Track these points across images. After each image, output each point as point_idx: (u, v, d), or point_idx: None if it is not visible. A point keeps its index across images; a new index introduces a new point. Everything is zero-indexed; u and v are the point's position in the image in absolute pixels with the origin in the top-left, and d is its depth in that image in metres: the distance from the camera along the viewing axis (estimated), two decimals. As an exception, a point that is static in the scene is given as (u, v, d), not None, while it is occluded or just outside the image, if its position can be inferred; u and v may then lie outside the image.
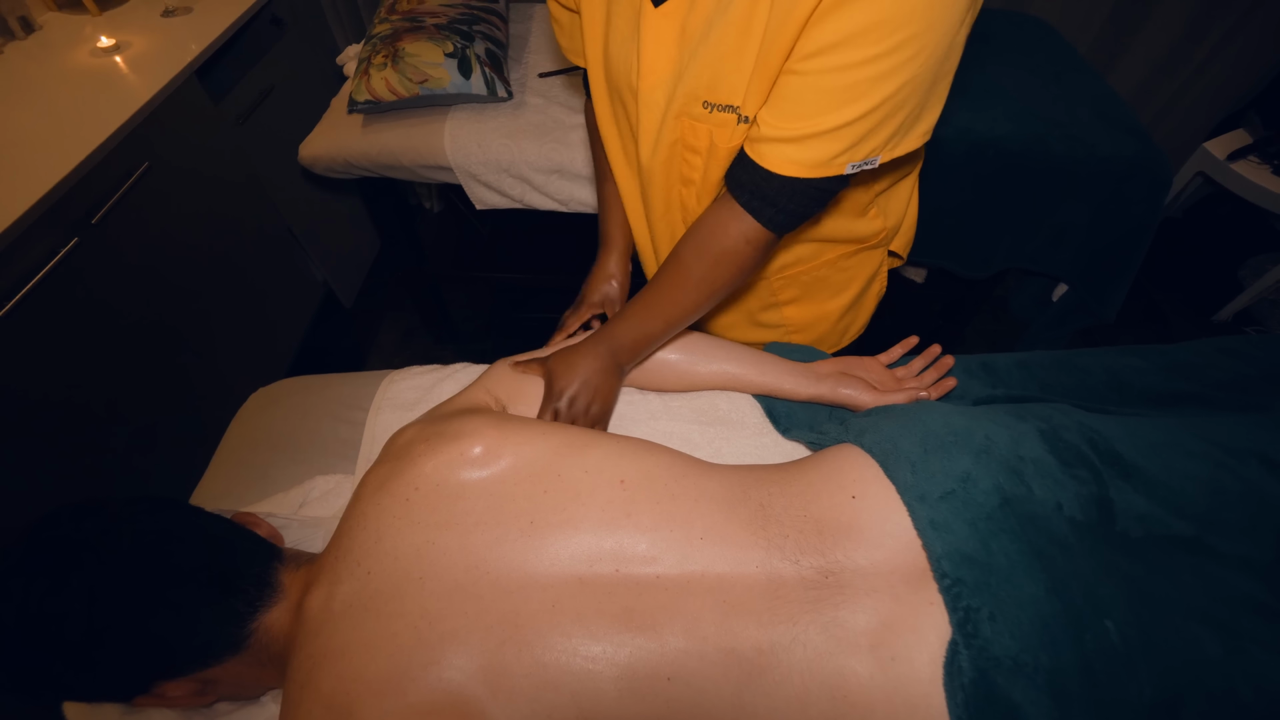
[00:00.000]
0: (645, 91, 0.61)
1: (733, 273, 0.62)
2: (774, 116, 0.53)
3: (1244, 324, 1.85)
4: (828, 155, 0.52)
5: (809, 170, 0.53)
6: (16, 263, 0.92)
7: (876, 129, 0.51)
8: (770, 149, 0.54)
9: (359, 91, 1.28)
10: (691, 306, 0.65)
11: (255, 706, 0.58)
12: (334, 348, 1.85)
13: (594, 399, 0.67)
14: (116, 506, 0.52)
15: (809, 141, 0.52)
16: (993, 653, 0.45)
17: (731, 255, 0.61)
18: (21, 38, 1.31)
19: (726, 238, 0.60)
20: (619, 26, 0.61)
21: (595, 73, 0.67)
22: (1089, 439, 0.57)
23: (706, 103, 0.58)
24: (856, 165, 0.53)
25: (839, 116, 0.50)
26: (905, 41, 0.45)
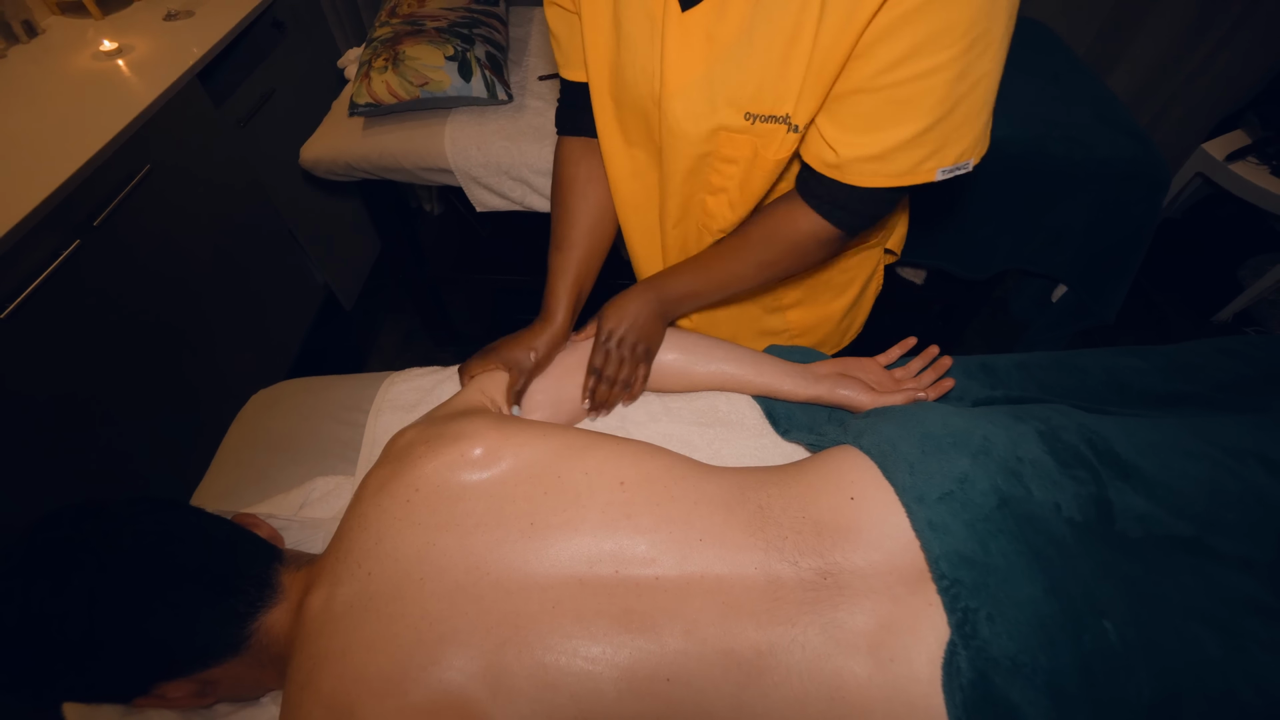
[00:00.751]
0: (669, 98, 0.59)
1: (795, 261, 0.65)
2: (853, 136, 0.53)
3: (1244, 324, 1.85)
4: (913, 162, 0.53)
5: (895, 180, 0.54)
6: (19, 264, 0.92)
7: (959, 130, 0.51)
8: (855, 169, 0.55)
9: (360, 94, 1.29)
10: (746, 279, 0.68)
11: (255, 708, 0.58)
12: (335, 350, 1.86)
13: (640, 339, 0.69)
14: (117, 507, 0.52)
15: (893, 155, 0.52)
16: (991, 653, 0.45)
17: (799, 247, 0.63)
18: (24, 41, 1.31)
19: (797, 231, 0.62)
20: (632, 34, 0.59)
21: (599, 83, 0.66)
22: (1088, 439, 0.58)
23: (749, 114, 0.56)
24: (948, 170, 0.54)
25: (918, 124, 0.50)
26: (975, 41, 0.45)
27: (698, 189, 0.68)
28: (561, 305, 0.74)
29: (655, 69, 0.59)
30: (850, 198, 0.57)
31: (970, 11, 0.44)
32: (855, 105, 0.52)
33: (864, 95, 0.51)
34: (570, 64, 0.70)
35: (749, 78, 0.54)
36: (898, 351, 0.80)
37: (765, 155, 0.59)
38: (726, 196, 0.67)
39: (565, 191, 0.76)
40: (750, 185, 0.64)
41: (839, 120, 0.54)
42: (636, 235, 0.81)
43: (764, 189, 0.65)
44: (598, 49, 0.63)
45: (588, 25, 0.62)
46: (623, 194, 0.75)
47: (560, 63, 0.71)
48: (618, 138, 0.70)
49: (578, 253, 0.75)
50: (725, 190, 0.66)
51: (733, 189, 0.65)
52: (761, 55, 0.52)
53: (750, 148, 0.60)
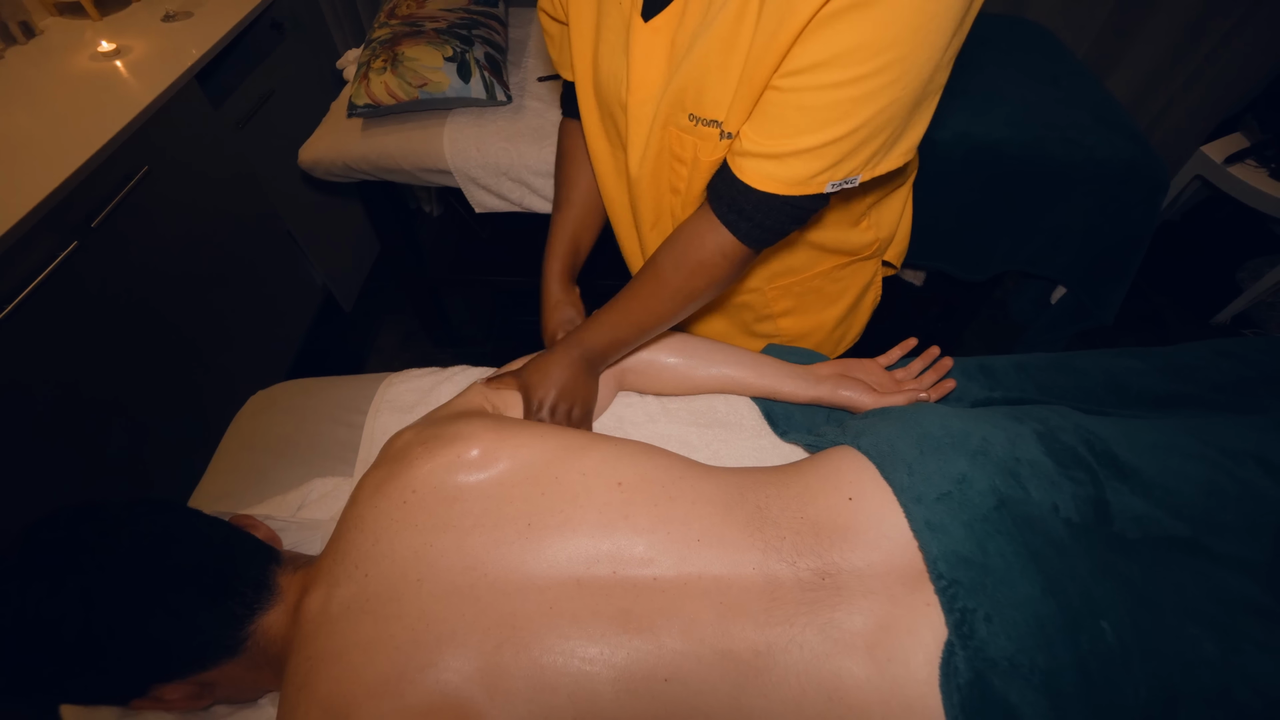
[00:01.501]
0: (634, 106, 0.61)
1: (707, 284, 0.63)
2: (755, 132, 0.53)
3: (1242, 326, 1.85)
4: (807, 174, 0.52)
5: (787, 187, 0.53)
6: (17, 266, 0.92)
7: (857, 149, 0.51)
8: (750, 164, 0.54)
9: (358, 95, 1.29)
10: (665, 315, 0.66)
11: (252, 709, 0.58)
12: (333, 351, 1.86)
13: (573, 404, 0.67)
14: (114, 509, 0.52)
15: (789, 159, 0.52)
16: (989, 654, 0.45)
17: (707, 267, 0.61)
18: (22, 42, 1.31)
19: (703, 249, 0.61)
20: (609, 39, 0.60)
21: (584, 85, 0.67)
22: (1086, 441, 0.58)
23: (692, 115, 0.57)
24: (836, 184, 0.53)
25: (820, 136, 0.50)
26: (890, 64, 0.45)
27: (664, 189, 0.68)
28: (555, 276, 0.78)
29: (622, 74, 0.61)
30: (749, 202, 0.56)
31: (888, 35, 0.44)
32: (766, 102, 0.52)
33: (773, 93, 0.51)
34: (562, 65, 0.73)
35: (691, 80, 0.55)
36: (898, 353, 0.80)
37: (702, 158, 0.60)
38: (681, 198, 0.68)
39: (564, 160, 0.81)
40: (695, 188, 0.65)
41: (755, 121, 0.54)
42: (622, 232, 0.82)
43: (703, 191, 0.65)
44: (582, 54, 0.65)
45: (574, 31, 0.64)
46: (608, 192, 0.77)
47: (555, 61, 0.75)
48: (601, 138, 0.71)
49: (574, 208, 0.79)
50: (680, 191, 0.67)
51: (684, 190, 0.66)
52: (702, 60, 0.53)
53: (693, 149, 0.60)
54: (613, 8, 0.59)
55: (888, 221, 0.80)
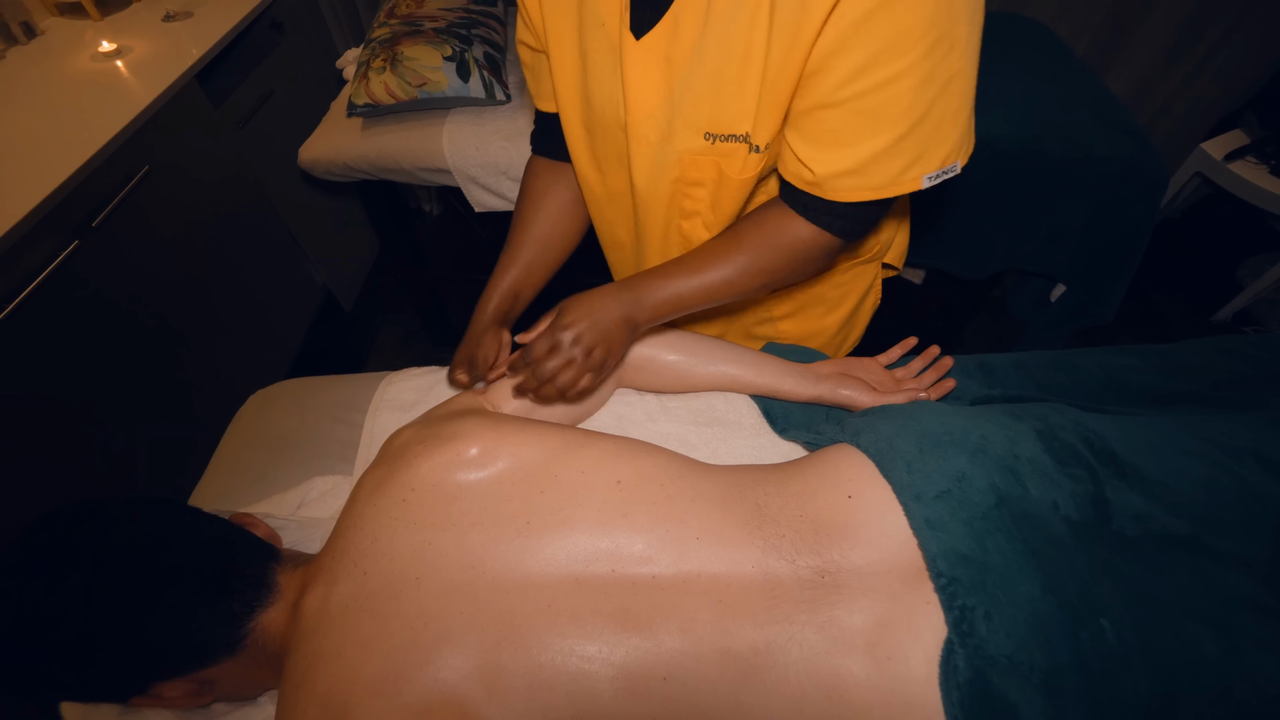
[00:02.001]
0: (635, 125, 0.59)
1: (797, 270, 0.61)
2: (825, 153, 0.52)
3: (1243, 324, 1.85)
4: (892, 174, 0.51)
5: (878, 192, 0.52)
6: (17, 265, 0.92)
7: (938, 135, 0.49)
8: (834, 184, 0.53)
9: (358, 95, 1.29)
10: (738, 287, 0.62)
11: (252, 707, 0.58)
12: (333, 350, 1.86)
13: (599, 343, 0.59)
14: (114, 507, 0.52)
15: (869, 168, 0.50)
16: (988, 651, 0.45)
17: (801, 254, 0.60)
18: (23, 42, 1.32)
19: (797, 238, 0.59)
20: (597, 64, 0.59)
21: (571, 114, 0.66)
22: (1085, 438, 0.58)
23: (709, 134, 0.56)
24: (934, 176, 0.51)
25: (889, 134, 0.48)
26: (936, 41, 0.43)
27: (674, 215, 0.67)
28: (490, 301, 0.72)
29: (618, 96, 0.59)
30: (845, 212, 0.55)
31: (924, 15, 0.42)
32: (821, 121, 0.50)
33: (828, 110, 0.49)
34: (541, 96, 0.71)
35: (703, 98, 0.54)
36: (899, 351, 0.80)
37: (730, 175, 0.59)
38: (700, 220, 0.66)
39: (522, 200, 0.77)
40: (721, 207, 0.63)
41: (808, 137, 0.53)
42: (615, 259, 0.81)
43: (735, 209, 0.64)
44: (566, 80, 0.63)
45: (555, 59, 0.62)
46: (603, 219, 0.75)
47: (533, 94, 0.72)
48: (591, 166, 0.70)
49: (523, 254, 0.73)
50: (698, 214, 0.66)
51: (705, 212, 0.65)
52: (714, 75, 0.52)
53: (714, 168, 0.59)
54: (596, 31, 0.57)
55: (888, 223, 0.79)
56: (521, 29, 0.66)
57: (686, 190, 0.63)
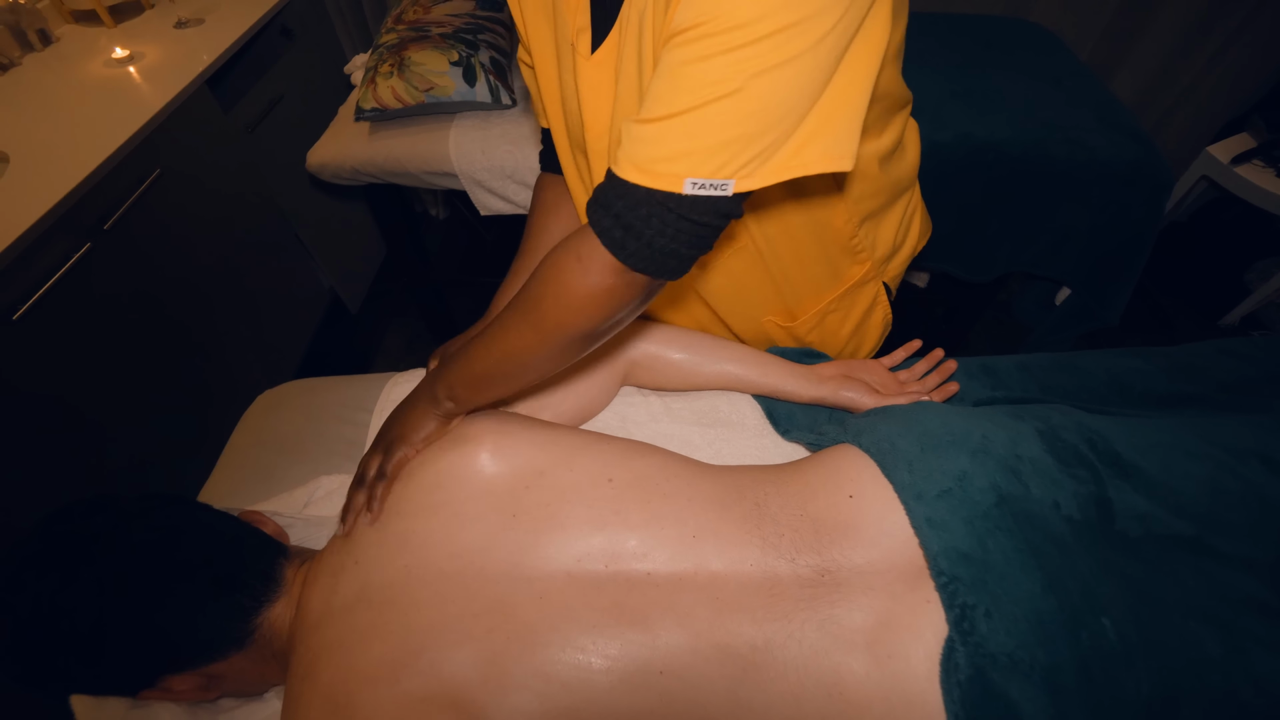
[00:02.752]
0: (593, 141, 0.59)
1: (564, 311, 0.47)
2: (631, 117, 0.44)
3: (1250, 328, 1.83)
4: (654, 155, 0.41)
5: (638, 173, 0.42)
6: (32, 267, 0.94)
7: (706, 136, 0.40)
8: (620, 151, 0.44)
9: (366, 100, 1.30)
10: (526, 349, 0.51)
11: (259, 703, 0.58)
12: (340, 353, 1.87)
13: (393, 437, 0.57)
14: (127, 503, 0.53)
15: (637, 137, 0.42)
16: (989, 649, 0.45)
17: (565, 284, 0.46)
18: (39, 49, 1.34)
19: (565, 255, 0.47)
20: (567, 82, 0.59)
21: (558, 130, 0.66)
22: (1088, 439, 0.58)
23: None
24: (699, 184, 0.41)
25: (666, 106, 0.40)
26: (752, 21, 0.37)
27: None
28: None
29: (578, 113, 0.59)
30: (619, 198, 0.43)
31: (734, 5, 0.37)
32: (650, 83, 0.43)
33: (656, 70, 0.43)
34: (540, 112, 0.72)
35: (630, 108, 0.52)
36: (903, 354, 0.80)
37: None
38: None
39: (531, 214, 0.78)
40: None
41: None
42: None
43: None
44: (551, 99, 0.63)
45: (540, 76, 0.63)
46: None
47: (536, 111, 0.73)
48: (577, 181, 0.70)
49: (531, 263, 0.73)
50: None
51: None
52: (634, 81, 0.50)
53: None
54: (566, 50, 0.56)
55: (883, 239, 0.75)
56: (521, 48, 0.67)
57: None
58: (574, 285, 0.46)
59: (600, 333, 0.49)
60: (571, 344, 0.50)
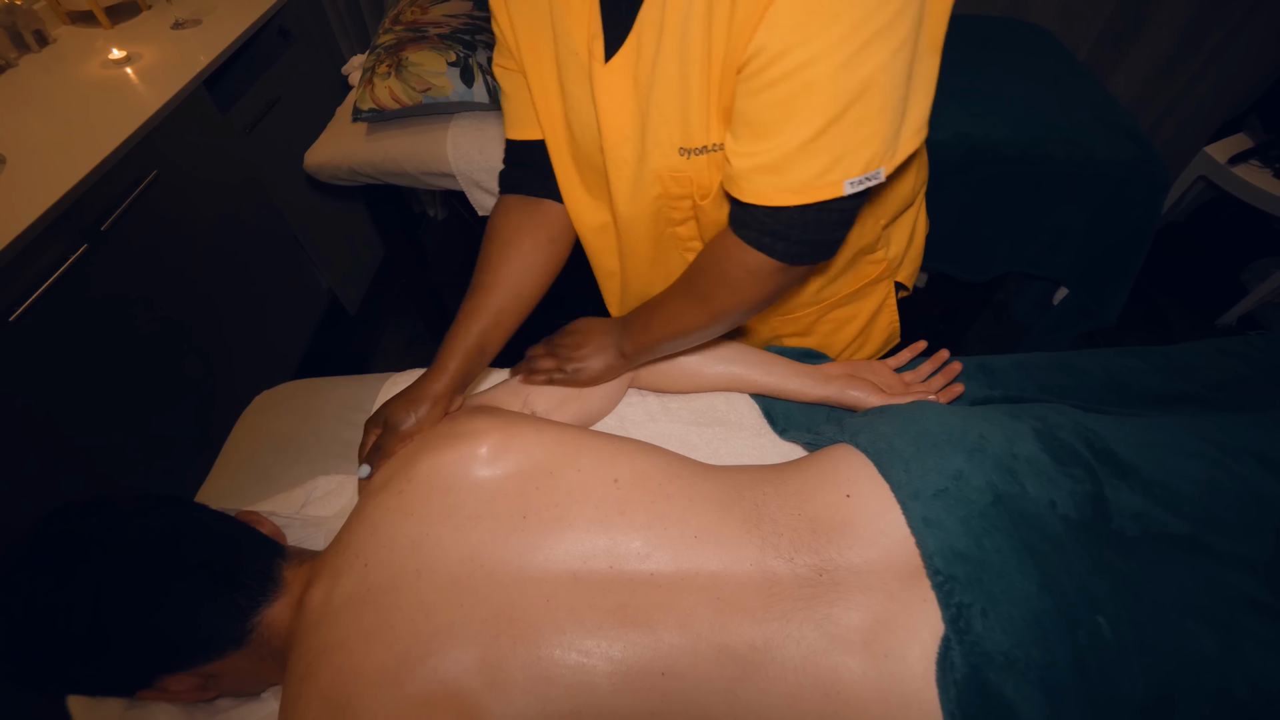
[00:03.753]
0: (610, 150, 0.58)
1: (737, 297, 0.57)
2: (744, 145, 0.48)
3: (1248, 327, 1.84)
4: (811, 174, 0.45)
5: (796, 195, 0.47)
6: (29, 268, 0.94)
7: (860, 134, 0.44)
8: (750, 182, 0.48)
9: (363, 100, 1.30)
10: (695, 323, 0.61)
11: (256, 703, 0.58)
12: (338, 354, 1.87)
13: (589, 357, 0.70)
14: (122, 503, 0.53)
15: (788, 165, 0.45)
16: (985, 648, 0.45)
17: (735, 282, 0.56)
18: (36, 50, 1.34)
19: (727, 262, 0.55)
20: (574, 92, 0.58)
21: (557, 141, 0.65)
22: (1084, 438, 0.58)
23: (683, 149, 0.55)
24: (856, 182, 0.46)
25: (808, 126, 0.43)
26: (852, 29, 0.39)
27: (663, 224, 0.66)
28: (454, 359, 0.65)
29: (594, 122, 0.58)
30: (763, 218, 0.50)
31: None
32: (742, 111, 0.47)
33: (749, 100, 0.46)
34: (515, 123, 0.67)
35: (671, 115, 0.52)
36: (908, 355, 0.80)
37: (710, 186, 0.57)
38: (693, 225, 0.66)
39: (490, 241, 0.70)
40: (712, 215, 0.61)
41: (734, 131, 0.49)
42: (610, 290, 0.81)
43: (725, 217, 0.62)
44: (549, 108, 0.62)
45: (535, 86, 0.61)
46: (592, 246, 0.74)
47: (507, 122, 0.68)
48: (580, 190, 0.68)
49: (493, 300, 0.67)
50: (690, 220, 0.65)
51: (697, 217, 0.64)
52: (678, 88, 0.50)
53: (691, 183, 0.58)
54: (570, 59, 0.56)
55: (898, 239, 0.77)
56: (498, 53, 0.64)
57: (673, 203, 0.62)
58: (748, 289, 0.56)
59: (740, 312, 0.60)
60: (736, 321, 0.62)
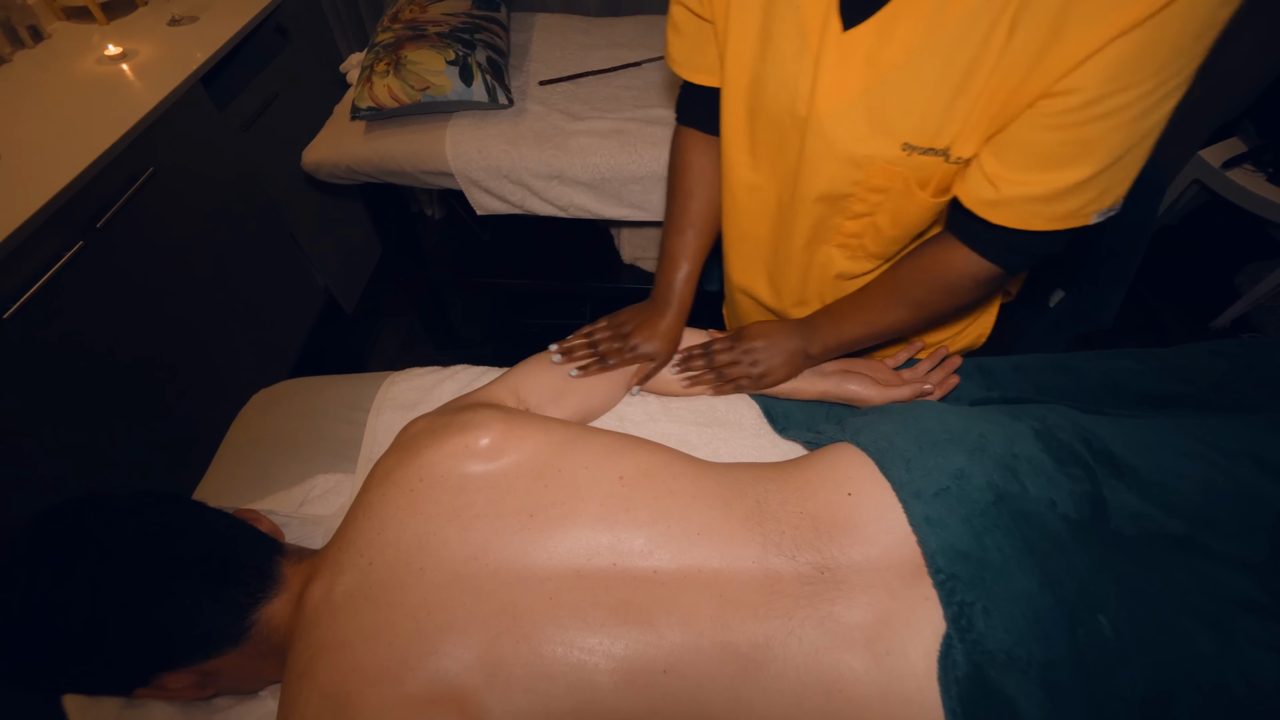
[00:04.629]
0: (818, 121, 0.56)
1: (955, 303, 0.62)
2: (1021, 174, 0.50)
3: (1241, 330, 1.85)
4: (1077, 205, 0.50)
5: (1055, 222, 0.51)
6: (23, 264, 0.93)
7: (1127, 171, 0.48)
8: (1013, 209, 0.51)
9: (362, 98, 1.30)
10: (899, 323, 0.66)
11: (254, 701, 0.58)
12: (335, 352, 1.86)
13: (770, 367, 0.71)
14: (120, 500, 0.53)
15: (1062, 197, 0.49)
16: (986, 646, 0.45)
17: (956, 289, 0.60)
18: (30, 46, 1.33)
19: (953, 273, 0.59)
20: (780, 46, 0.55)
21: (735, 92, 0.62)
22: (1083, 438, 0.58)
23: (907, 145, 0.54)
24: (1103, 213, 0.50)
25: (1094, 165, 0.47)
26: (1171, 76, 0.42)
27: (834, 213, 0.64)
28: (675, 290, 0.75)
29: (802, 86, 0.56)
30: (1010, 238, 0.54)
31: (1176, 50, 0.41)
32: (1030, 142, 0.48)
33: (1043, 133, 0.47)
34: (693, 67, 0.67)
35: (911, 108, 0.52)
36: (905, 354, 0.80)
37: (919, 190, 0.57)
38: (868, 221, 0.64)
39: (682, 176, 0.76)
40: (905, 217, 0.61)
41: (1007, 157, 0.50)
42: (740, 248, 0.79)
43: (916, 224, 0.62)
44: (739, 58, 0.60)
45: (734, 33, 0.59)
46: (738, 204, 0.73)
47: (679, 60, 0.68)
48: (744, 153, 0.67)
49: (692, 235, 0.76)
50: (870, 215, 0.63)
51: (879, 215, 0.63)
52: (929, 85, 0.50)
53: (902, 180, 0.57)
54: (787, 13, 0.54)
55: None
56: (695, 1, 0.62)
57: (863, 195, 0.61)
58: (969, 295, 0.61)
59: (949, 313, 0.65)
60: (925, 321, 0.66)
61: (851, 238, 0.67)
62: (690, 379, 0.75)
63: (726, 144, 0.67)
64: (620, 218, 1.39)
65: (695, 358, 0.75)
